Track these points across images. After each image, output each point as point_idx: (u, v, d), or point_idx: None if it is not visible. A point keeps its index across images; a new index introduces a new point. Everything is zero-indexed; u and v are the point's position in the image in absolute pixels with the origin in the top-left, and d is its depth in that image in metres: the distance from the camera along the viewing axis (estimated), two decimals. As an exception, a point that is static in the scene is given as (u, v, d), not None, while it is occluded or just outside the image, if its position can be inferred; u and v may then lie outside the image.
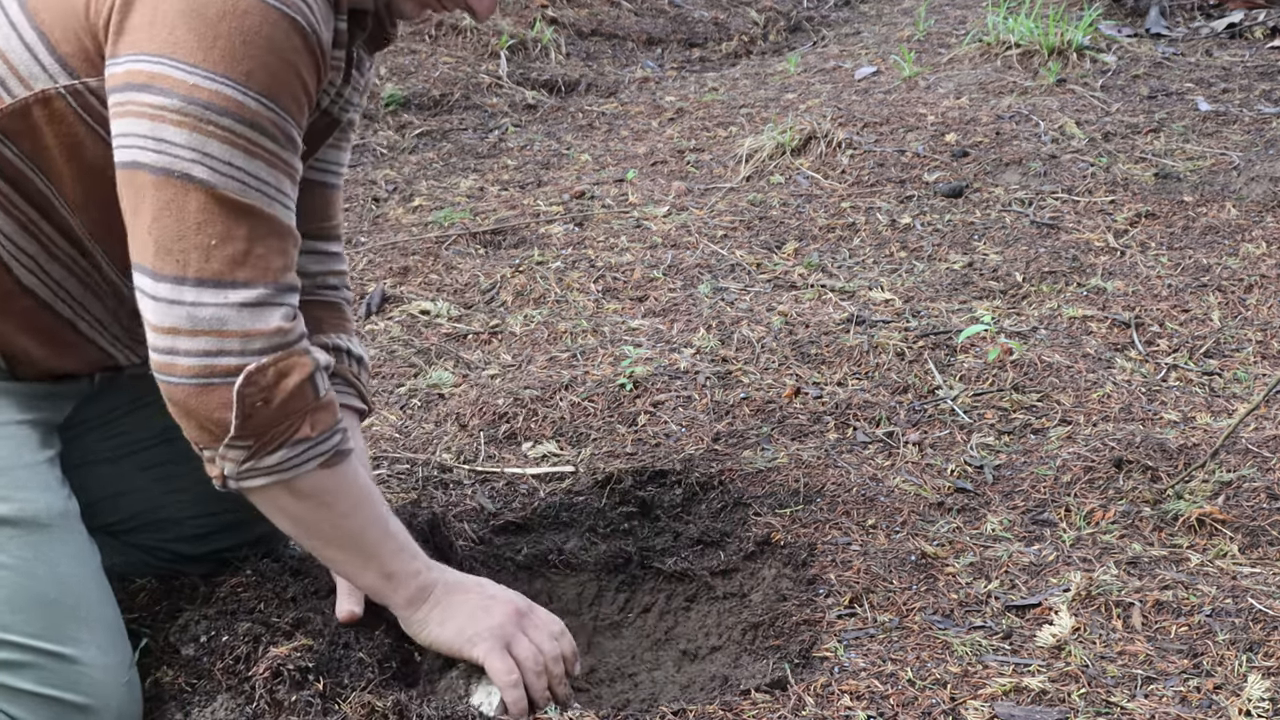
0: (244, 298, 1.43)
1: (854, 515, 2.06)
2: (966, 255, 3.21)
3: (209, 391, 1.43)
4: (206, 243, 1.41)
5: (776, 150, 3.90)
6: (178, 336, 1.42)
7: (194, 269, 1.41)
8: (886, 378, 2.58)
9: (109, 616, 1.61)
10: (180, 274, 1.41)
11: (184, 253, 1.41)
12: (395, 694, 1.57)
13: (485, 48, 5.42)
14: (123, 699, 1.57)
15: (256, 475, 1.49)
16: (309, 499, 1.54)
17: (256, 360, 1.43)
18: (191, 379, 1.43)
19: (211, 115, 1.39)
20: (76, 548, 1.61)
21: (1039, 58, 4.57)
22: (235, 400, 1.43)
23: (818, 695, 1.61)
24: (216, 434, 1.46)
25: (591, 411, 2.50)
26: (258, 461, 1.48)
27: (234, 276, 1.42)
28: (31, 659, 1.51)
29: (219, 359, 1.42)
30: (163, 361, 1.44)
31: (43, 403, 1.70)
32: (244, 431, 1.45)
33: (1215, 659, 1.65)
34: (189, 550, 1.89)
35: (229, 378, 1.43)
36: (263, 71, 1.41)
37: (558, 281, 3.18)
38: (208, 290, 1.41)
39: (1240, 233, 3.20)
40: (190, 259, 1.41)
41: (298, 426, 1.48)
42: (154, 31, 1.40)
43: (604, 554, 2.08)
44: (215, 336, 1.42)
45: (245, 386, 1.43)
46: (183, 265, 1.41)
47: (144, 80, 1.40)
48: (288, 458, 1.48)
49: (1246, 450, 2.21)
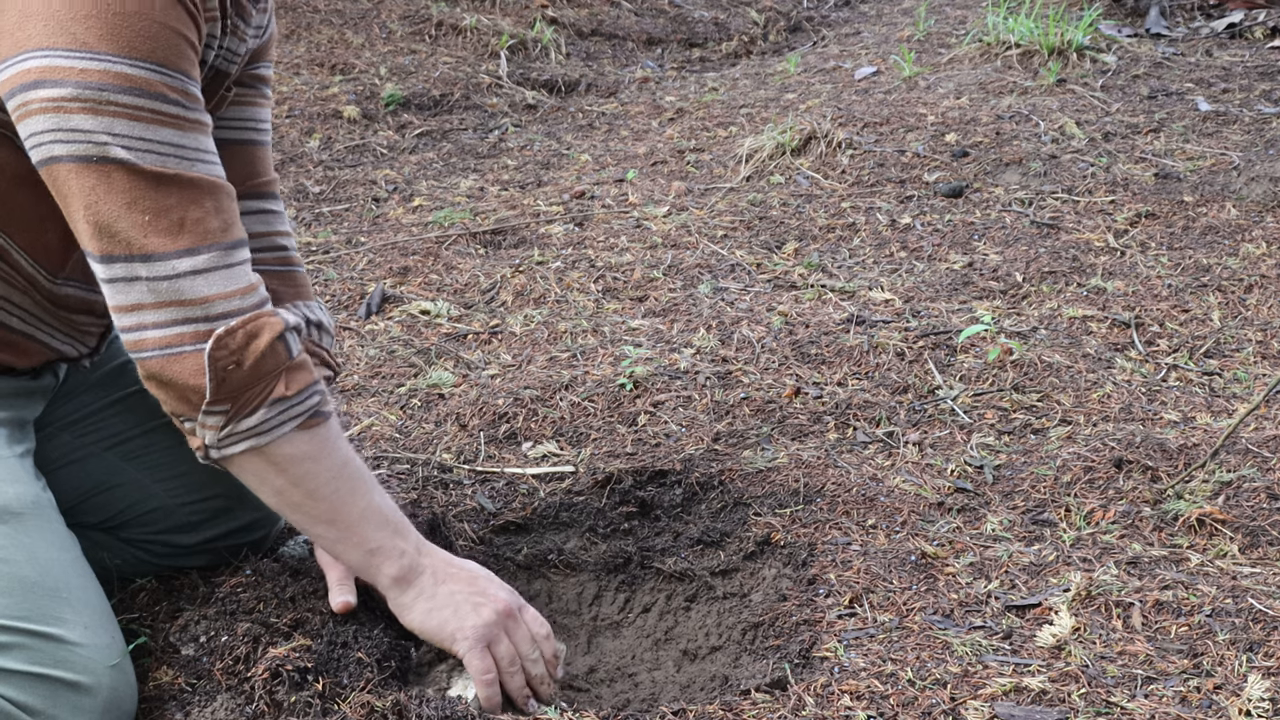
0: (193, 265, 1.45)
1: (854, 515, 2.06)
2: (966, 255, 3.21)
3: (180, 359, 1.45)
4: (141, 219, 1.42)
5: (776, 150, 3.90)
6: (141, 312, 1.45)
7: (137, 246, 1.43)
8: (886, 378, 2.58)
9: (93, 599, 1.61)
10: (126, 252, 1.43)
11: (122, 232, 1.42)
12: (395, 694, 1.57)
13: (485, 48, 5.42)
14: (115, 679, 1.57)
15: (236, 440, 1.50)
16: (289, 466, 1.53)
17: (224, 324, 1.45)
18: (162, 350, 1.45)
19: (108, 94, 1.40)
20: (53, 534, 1.61)
21: (1039, 58, 4.57)
22: (207, 365, 1.45)
23: (818, 695, 1.61)
24: (194, 401, 1.47)
25: (591, 411, 2.50)
26: (236, 425, 1.49)
27: (176, 246, 1.44)
28: (18, 640, 1.51)
29: (185, 327, 1.45)
30: (132, 340, 1.46)
31: (9, 400, 1.70)
32: (219, 395, 1.46)
33: (1215, 659, 1.65)
34: (184, 540, 1.89)
35: (198, 344, 1.45)
36: (143, 39, 1.42)
37: (558, 281, 3.18)
38: (156, 263, 1.43)
39: (1240, 233, 3.20)
40: (131, 237, 1.43)
41: (272, 386, 1.49)
42: (28, 27, 1.41)
43: (604, 554, 2.08)
44: (176, 306, 1.44)
45: (215, 350, 1.45)
46: (126, 244, 1.43)
47: (34, 78, 1.41)
48: (265, 419, 1.49)
49: (1246, 450, 2.21)
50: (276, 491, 1.56)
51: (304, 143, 4.46)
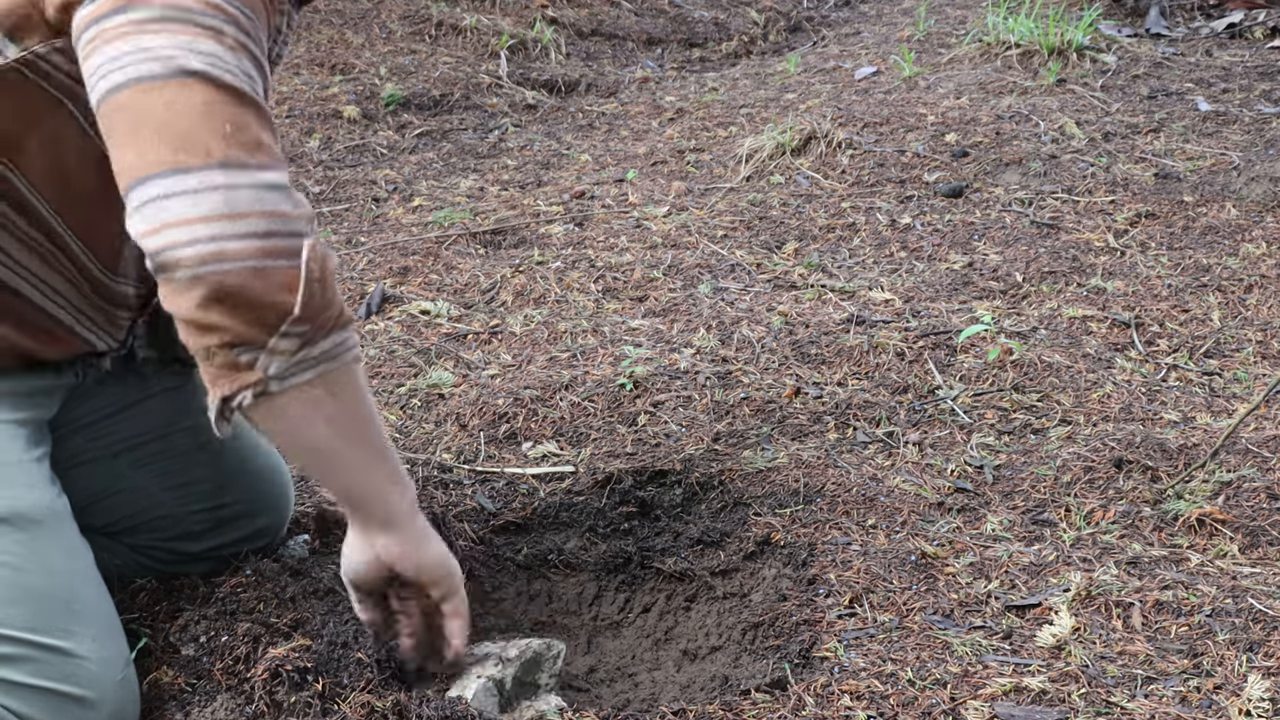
0: (272, 179, 1.37)
1: (854, 515, 2.05)
2: (966, 255, 3.20)
3: (270, 274, 1.34)
4: (222, 128, 1.35)
5: (776, 150, 3.90)
6: (221, 222, 1.33)
7: (218, 154, 1.34)
8: (886, 378, 2.58)
9: (103, 611, 1.61)
10: (205, 161, 1.34)
11: (203, 141, 1.34)
12: (394, 694, 1.57)
13: (485, 48, 5.42)
14: (120, 693, 1.57)
15: (309, 366, 1.40)
16: (347, 393, 1.45)
17: (309, 240, 1.37)
18: (249, 261, 1.33)
19: (194, 16, 1.37)
20: (68, 543, 1.61)
21: (1039, 58, 4.57)
22: (303, 277, 1.35)
23: (818, 695, 1.61)
24: (272, 322, 1.36)
25: (591, 411, 2.49)
26: (311, 349, 1.39)
27: (256, 159, 1.36)
28: (27, 652, 1.51)
29: (275, 240, 1.35)
30: (209, 251, 1.33)
31: (30, 400, 1.69)
32: (305, 313, 1.36)
33: (1215, 659, 1.65)
34: (190, 548, 1.89)
35: (293, 258, 1.35)
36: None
37: (558, 281, 3.18)
38: (237, 172, 1.34)
39: (1240, 233, 3.20)
40: (212, 145, 1.34)
41: (344, 309, 1.43)
42: None
43: (604, 554, 2.08)
44: (263, 217, 1.34)
45: (310, 262, 1.36)
46: (206, 152, 1.34)
47: (119, 5, 1.36)
48: (339, 343, 1.42)
49: (1246, 450, 2.21)
50: (330, 419, 1.45)
51: (304, 143, 4.46)
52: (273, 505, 1.95)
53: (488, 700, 1.61)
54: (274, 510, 1.95)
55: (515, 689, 1.65)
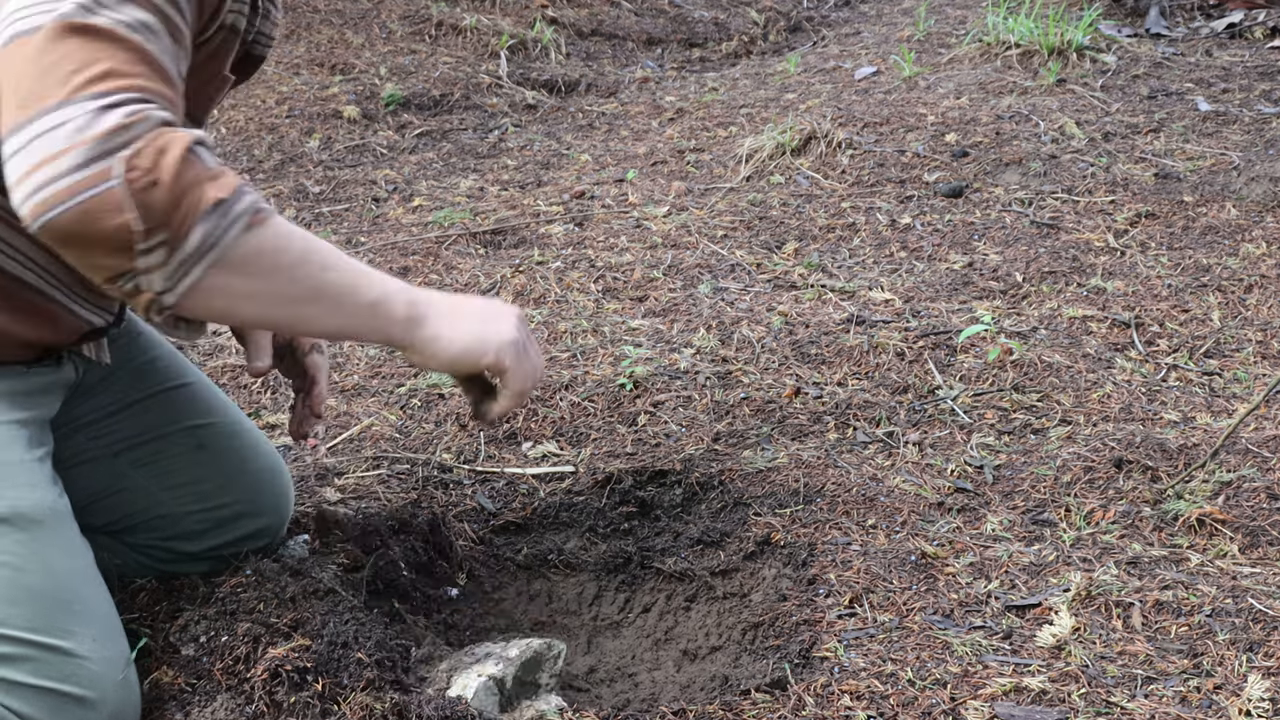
0: (104, 103, 1.33)
1: (854, 515, 2.05)
2: (966, 255, 3.21)
3: (90, 205, 1.31)
4: (66, 73, 1.33)
5: (776, 150, 3.91)
6: (44, 167, 1.31)
7: (55, 97, 1.32)
8: (886, 378, 2.58)
9: (104, 611, 1.61)
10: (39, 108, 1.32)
11: (46, 90, 1.33)
12: (395, 694, 1.57)
13: (485, 48, 5.42)
14: (120, 693, 1.57)
15: (190, 266, 1.36)
16: (254, 265, 1.41)
17: (131, 149, 1.32)
18: (69, 201, 1.31)
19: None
20: (68, 543, 1.61)
21: (1039, 58, 4.57)
22: (125, 193, 1.31)
23: (818, 695, 1.61)
24: (126, 244, 1.33)
25: (591, 411, 2.50)
26: (182, 250, 1.35)
27: (95, 89, 1.33)
28: (27, 652, 1.51)
29: (93, 166, 1.31)
30: (38, 201, 1.31)
31: (31, 400, 1.69)
32: (150, 222, 1.32)
33: (1215, 659, 1.65)
34: (189, 548, 1.89)
35: (109, 179, 1.30)
36: None
37: (558, 281, 3.18)
38: (68, 108, 1.31)
39: (1240, 233, 3.20)
40: (51, 92, 1.32)
41: (202, 193, 1.36)
42: None
43: (604, 554, 2.08)
44: (81, 147, 1.30)
45: (129, 174, 1.31)
46: (42, 99, 1.32)
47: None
48: (210, 230, 1.36)
49: (1246, 450, 2.21)
50: (250, 296, 1.42)
51: (304, 143, 4.46)
52: (273, 505, 1.95)
53: (488, 700, 1.61)
54: (274, 510, 1.95)
55: (516, 688, 1.65)
